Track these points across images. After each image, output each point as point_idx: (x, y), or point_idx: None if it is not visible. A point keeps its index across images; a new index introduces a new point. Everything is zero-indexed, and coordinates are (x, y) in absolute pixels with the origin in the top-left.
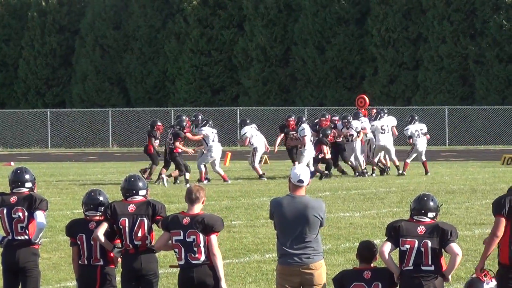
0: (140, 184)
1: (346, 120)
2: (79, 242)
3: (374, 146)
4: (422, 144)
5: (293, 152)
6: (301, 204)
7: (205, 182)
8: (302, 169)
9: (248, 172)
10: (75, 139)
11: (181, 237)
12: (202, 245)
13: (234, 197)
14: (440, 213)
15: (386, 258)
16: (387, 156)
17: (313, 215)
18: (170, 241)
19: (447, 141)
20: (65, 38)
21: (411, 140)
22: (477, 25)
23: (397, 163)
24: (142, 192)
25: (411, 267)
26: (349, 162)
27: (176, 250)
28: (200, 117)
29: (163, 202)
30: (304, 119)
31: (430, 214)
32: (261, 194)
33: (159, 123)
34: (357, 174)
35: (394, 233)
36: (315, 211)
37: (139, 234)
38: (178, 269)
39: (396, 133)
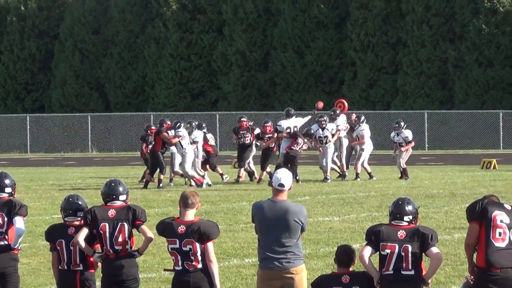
0: (121, 189)
1: (322, 120)
2: (58, 248)
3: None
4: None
5: (268, 156)
6: (281, 208)
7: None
8: (284, 174)
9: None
10: (55, 144)
11: (177, 246)
12: (199, 253)
13: (213, 202)
14: (419, 217)
15: (366, 262)
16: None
17: (293, 219)
18: None
19: (427, 145)
20: (44, 43)
21: (396, 144)
22: (456, 29)
23: (359, 170)
24: (122, 197)
25: (391, 272)
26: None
27: (173, 257)
28: (194, 123)
29: (142, 207)
30: (363, 118)
31: (406, 218)
32: (241, 199)
33: (152, 127)
34: (326, 178)
35: (374, 237)
36: (295, 216)
37: (120, 239)
38: (170, 273)
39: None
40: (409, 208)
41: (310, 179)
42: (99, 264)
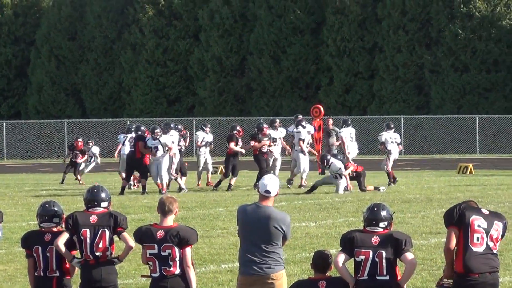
0: (103, 195)
1: (275, 124)
2: (34, 254)
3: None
4: (395, 151)
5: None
6: (264, 214)
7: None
8: (271, 180)
9: (203, 182)
10: (31, 150)
11: (156, 251)
12: (177, 258)
13: (190, 208)
14: (394, 222)
15: (341, 268)
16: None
17: (274, 226)
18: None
19: (403, 150)
20: (20, 49)
21: (383, 146)
22: (432, 34)
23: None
24: (104, 204)
25: (366, 277)
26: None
27: (151, 263)
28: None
29: (123, 214)
30: (391, 125)
31: (382, 224)
32: (217, 205)
33: (142, 127)
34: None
35: (349, 243)
36: (276, 223)
37: (100, 245)
38: (147, 279)
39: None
40: (384, 213)
41: (285, 184)
42: (76, 270)
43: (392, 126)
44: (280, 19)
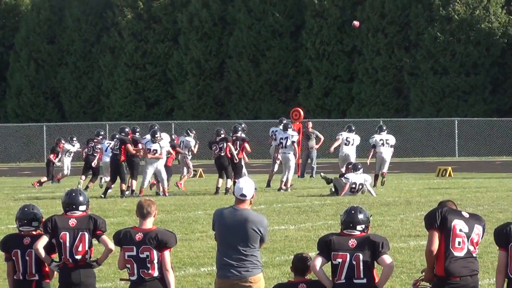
0: (81, 198)
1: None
2: (13, 258)
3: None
4: (386, 154)
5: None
6: (241, 217)
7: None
8: (246, 183)
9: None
10: (10, 154)
11: (134, 253)
12: (155, 261)
13: (169, 211)
14: (374, 225)
15: (318, 272)
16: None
17: (252, 228)
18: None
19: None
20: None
21: (373, 149)
22: (411, 37)
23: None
24: (82, 207)
25: (344, 281)
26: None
27: (129, 265)
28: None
29: (102, 217)
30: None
31: (359, 227)
32: (196, 208)
33: (127, 129)
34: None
35: (326, 247)
36: (254, 225)
37: (80, 249)
38: (126, 282)
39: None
40: (361, 216)
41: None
42: (55, 273)
43: (384, 128)
44: (259, 22)
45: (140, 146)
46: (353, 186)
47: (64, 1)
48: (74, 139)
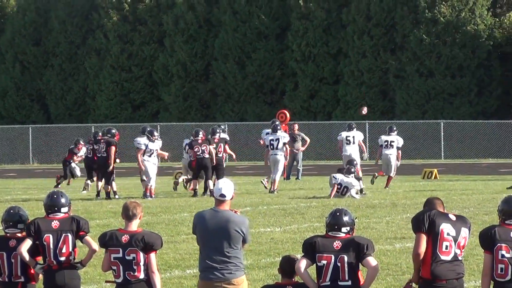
0: (63, 200)
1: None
2: None
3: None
4: (390, 155)
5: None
6: (223, 218)
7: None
8: (225, 184)
9: (169, 187)
10: None
11: (120, 255)
12: (142, 263)
13: (154, 213)
14: (359, 227)
15: (303, 274)
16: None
17: (234, 229)
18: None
19: (368, 155)
20: None
21: (380, 149)
22: (397, 40)
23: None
24: (64, 209)
25: (329, 283)
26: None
27: (114, 267)
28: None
29: (85, 218)
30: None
31: (344, 229)
32: (182, 210)
33: (113, 130)
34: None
35: (310, 249)
36: (236, 226)
37: (64, 250)
38: (111, 284)
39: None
40: (346, 219)
41: (252, 189)
42: (40, 276)
43: (394, 129)
44: (245, 25)
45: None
46: (339, 187)
47: (50, 3)
48: (81, 142)
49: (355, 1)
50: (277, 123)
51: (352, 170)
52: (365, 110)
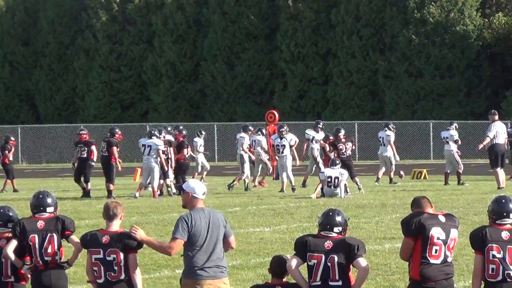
0: (49, 200)
1: (283, 130)
2: None
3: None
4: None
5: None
6: (210, 216)
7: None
8: (196, 183)
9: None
10: None
11: (101, 256)
12: (122, 263)
13: (144, 213)
14: (349, 227)
15: (294, 272)
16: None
17: (223, 225)
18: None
19: (357, 155)
20: None
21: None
22: (386, 40)
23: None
24: (50, 209)
25: (319, 283)
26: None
27: (96, 268)
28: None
29: (72, 218)
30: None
31: (336, 229)
32: (171, 210)
33: (117, 129)
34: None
35: (302, 247)
36: (222, 221)
37: (49, 250)
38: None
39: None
40: (338, 219)
41: (241, 189)
42: (29, 276)
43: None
44: (234, 25)
45: (185, 151)
46: (329, 180)
47: (39, 3)
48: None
49: (344, 1)
50: (282, 129)
51: (337, 162)
52: None
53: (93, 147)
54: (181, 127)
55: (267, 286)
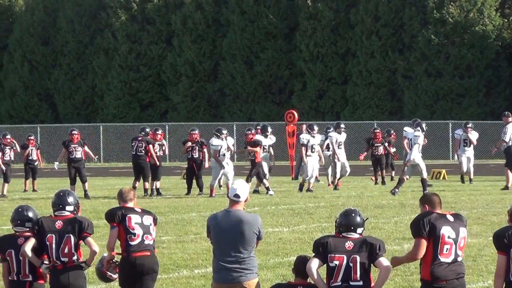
0: (69, 199)
1: (311, 129)
2: (8, 258)
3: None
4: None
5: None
6: (235, 218)
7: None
8: (240, 185)
9: (177, 188)
10: None
11: (139, 221)
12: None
13: (163, 213)
14: (367, 227)
15: (314, 274)
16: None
17: (248, 229)
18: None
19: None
20: None
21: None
22: (405, 40)
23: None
24: (69, 208)
25: (340, 283)
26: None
27: (135, 231)
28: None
29: (91, 218)
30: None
31: (359, 230)
32: (190, 210)
33: (147, 129)
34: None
35: (322, 249)
36: (249, 226)
37: (66, 251)
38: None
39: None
40: (357, 219)
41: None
42: (48, 275)
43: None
44: (253, 24)
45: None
46: (305, 146)
47: (58, 2)
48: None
49: (363, 1)
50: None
51: (314, 126)
52: None
53: (86, 147)
54: (259, 126)
55: (289, 285)
